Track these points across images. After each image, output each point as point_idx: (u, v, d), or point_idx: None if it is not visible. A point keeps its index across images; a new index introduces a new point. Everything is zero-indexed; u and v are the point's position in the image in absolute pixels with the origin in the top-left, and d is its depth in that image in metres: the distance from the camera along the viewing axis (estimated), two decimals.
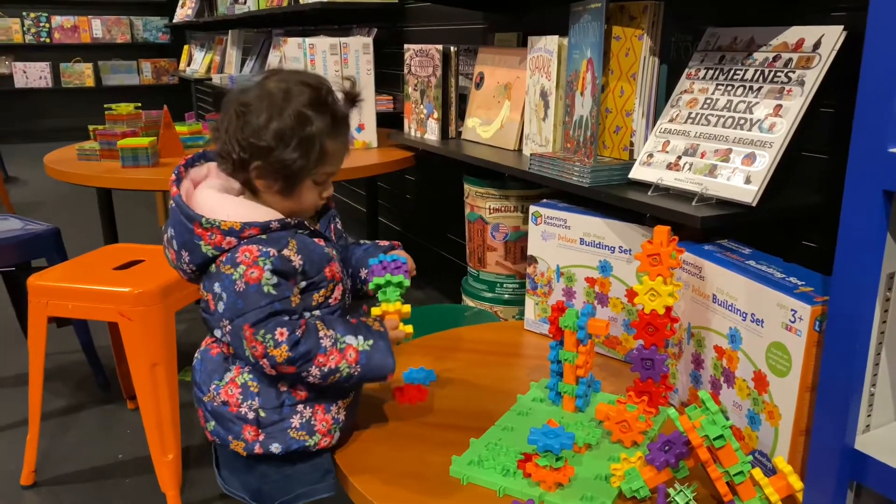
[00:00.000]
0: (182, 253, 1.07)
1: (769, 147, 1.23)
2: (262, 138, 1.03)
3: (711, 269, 1.16)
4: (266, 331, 1.01)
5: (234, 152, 1.04)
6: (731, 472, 0.95)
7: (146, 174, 2.14)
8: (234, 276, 1.02)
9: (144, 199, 4.68)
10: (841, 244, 0.82)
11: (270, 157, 1.04)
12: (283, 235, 1.06)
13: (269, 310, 1.02)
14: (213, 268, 1.06)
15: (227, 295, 1.03)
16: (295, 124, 1.04)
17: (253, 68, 4.74)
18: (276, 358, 1.02)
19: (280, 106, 1.03)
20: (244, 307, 1.02)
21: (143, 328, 1.64)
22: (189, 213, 1.04)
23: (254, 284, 1.02)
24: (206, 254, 1.04)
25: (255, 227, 1.04)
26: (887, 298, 0.84)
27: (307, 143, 1.04)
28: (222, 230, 1.03)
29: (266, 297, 1.02)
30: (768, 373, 1.05)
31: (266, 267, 1.02)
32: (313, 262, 1.08)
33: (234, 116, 1.05)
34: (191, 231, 1.04)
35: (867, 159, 0.78)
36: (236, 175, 1.08)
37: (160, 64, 8.16)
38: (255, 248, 1.03)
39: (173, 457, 1.70)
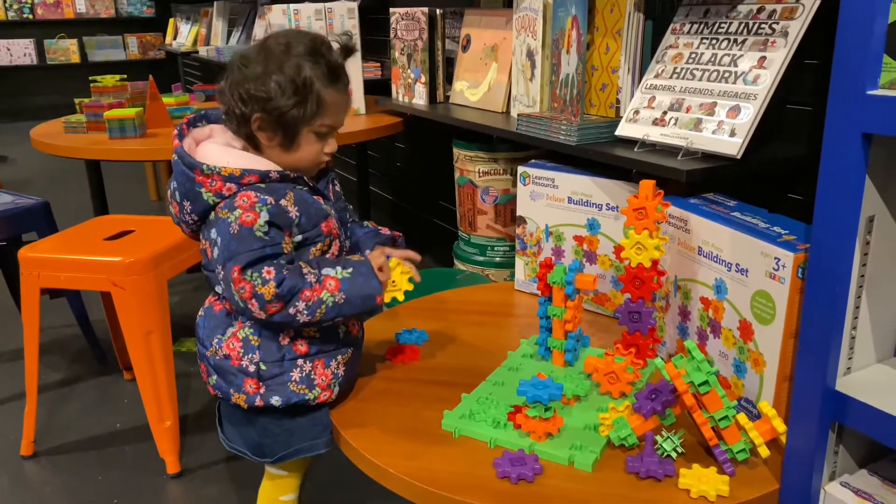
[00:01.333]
0: (184, 204, 1.10)
1: (753, 99, 1.24)
2: (259, 88, 1.06)
3: (697, 222, 1.17)
4: (254, 269, 1.04)
5: (236, 106, 1.08)
6: (716, 417, 0.97)
7: (134, 145, 2.13)
8: (230, 220, 1.05)
9: (134, 172, 4.65)
10: (821, 188, 0.83)
11: (268, 106, 1.07)
12: (282, 187, 1.09)
13: (260, 253, 1.05)
14: (212, 215, 1.09)
15: (222, 238, 1.06)
16: (291, 73, 1.07)
17: (239, 39, 4.69)
18: (264, 296, 1.04)
19: (278, 58, 1.07)
20: (237, 249, 1.04)
21: (136, 297, 1.65)
22: (191, 161, 1.07)
23: (247, 227, 1.04)
24: (206, 201, 1.08)
25: (254, 174, 1.07)
26: (867, 242, 0.85)
27: (303, 90, 1.07)
28: (223, 176, 1.06)
29: (258, 240, 1.05)
30: (753, 321, 1.07)
31: (262, 213, 1.05)
32: (310, 215, 1.11)
33: (235, 70, 1.09)
34: (192, 179, 1.07)
35: (846, 102, 0.78)
36: (240, 130, 1.11)
37: (146, 38, 8.06)
38: (254, 195, 1.06)
39: (171, 423, 1.72)
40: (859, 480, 0.93)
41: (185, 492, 1.69)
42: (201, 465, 1.77)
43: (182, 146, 1.11)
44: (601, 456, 1.02)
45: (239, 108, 1.08)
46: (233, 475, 1.73)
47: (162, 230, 1.84)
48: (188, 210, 1.10)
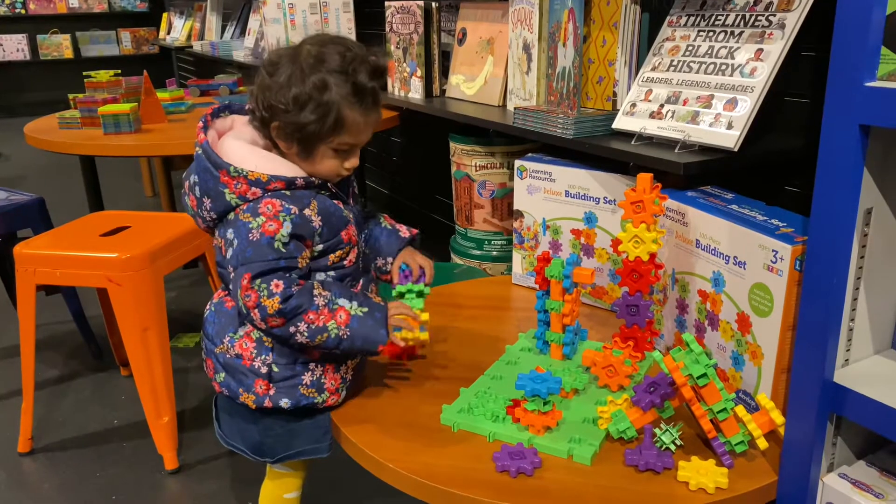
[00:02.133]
0: (204, 200, 1.08)
1: (750, 92, 1.24)
2: (280, 98, 1.04)
3: (694, 215, 1.17)
4: (263, 280, 1.03)
5: (258, 109, 1.07)
6: (714, 409, 0.97)
7: (129, 140, 2.12)
8: (252, 225, 1.04)
9: (129, 167, 4.64)
10: (819, 180, 0.83)
11: (286, 118, 1.05)
12: (307, 195, 1.08)
13: (274, 265, 1.04)
14: (231, 215, 1.07)
15: (239, 242, 1.04)
16: (313, 89, 1.04)
17: (234, 34, 4.67)
18: (267, 309, 1.02)
19: (304, 70, 1.04)
20: (252, 256, 1.03)
21: (133, 293, 1.64)
22: (217, 160, 1.05)
23: (268, 237, 1.03)
24: (229, 202, 1.06)
25: (281, 180, 1.06)
26: (865, 234, 0.86)
27: (323, 109, 1.05)
28: (249, 180, 1.05)
29: (275, 252, 1.04)
30: (751, 314, 1.07)
31: (285, 223, 1.04)
32: (332, 224, 1.10)
33: (263, 73, 1.07)
34: (216, 178, 1.06)
35: (844, 94, 0.78)
36: (263, 131, 1.10)
37: (139, 33, 8.02)
38: (279, 203, 1.05)
39: (168, 419, 1.71)
40: (857, 472, 0.93)
41: (183, 488, 1.69)
42: (199, 461, 1.77)
43: (207, 140, 1.09)
44: (600, 449, 1.02)
45: (260, 112, 1.07)
46: (231, 471, 1.73)
47: (158, 226, 1.83)
48: (207, 207, 1.09)
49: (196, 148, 1.10)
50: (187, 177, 1.12)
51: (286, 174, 1.07)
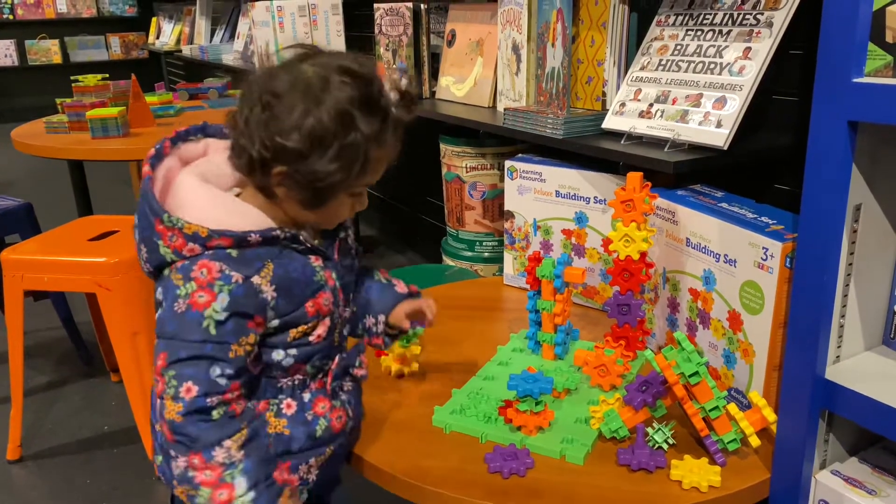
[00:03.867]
0: (141, 248, 0.88)
1: (739, 90, 1.24)
2: (291, 139, 0.81)
3: (684, 213, 1.17)
4: (176, 374, 0.81)
5: (252, 148, 0.82)
6: (706, 407, 0.97)
7: (117, 144, 2.11)
8: (180, 292, 0.82)
9: (118, 172, 4.61)
10: (808, 177, 0.83)
11: (301, 165, 0.83)
12: (261, 255, 0.86)
13: (196, 351, 0.81)
14: (166, 271, 0.86)
15: (165, 307, 0.84)
16: (337, 127, 0.81)
17: (223, 38, 4.66)
18: (165, 409, 0.81)
19: (319, 100, 0.81)
20: (173, 332, 0.82)
21: (122, 297, 1.63)
22: (154, 205, 0.84)
23: (195, 312, 0.81)
24: (163, 256, 0.85)
25: (226, 237, 0.84)
26: (854, 230, 0.86)
27: (349, 151, 0.82)
28: (185, 234, 0.83)
29: (202, 332, 0.81)
30: (742, 311, 1.07)
31: (221, 296, 0.82)
32: (291, 294, 0.88)
33: (260, 106, 0.82)
34: (152, 226, 0.85)
35: (831, 90, 0.78)
36: (251, 176, 0.86)
37: (129, 38, 7.99)
38: (217, 267, 0.83)
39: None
40: (850, 468, 0.93)
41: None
42: None
43: (151, 175, 0.87)
44: (592, 449, 1.02)
45: (257, 152, 0.82)
46: None
47: None
48: (144, 256, 0.88)
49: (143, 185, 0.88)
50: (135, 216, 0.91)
51: (236, 227, 0.84)
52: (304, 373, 0.94)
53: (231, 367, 0.83)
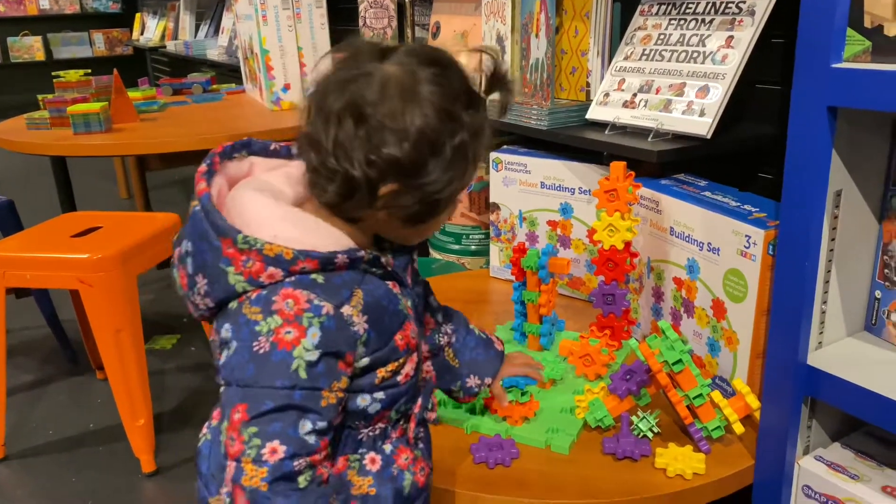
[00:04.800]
0: (197, 279, 0.73)
1: (722, 79, 1.24)
2: (402, 148, 0.70)
3: (668, 203, 1.17)
4: (260, 431, 0.68)
5: (353, 170, 0.70)
6: (690, 395, 0.97)
7: (100, 140, 2.08)
8: (260, 328, 0.69)
9: (103, 170, 4.57)
10: (788, 163, 0.83)
11: (415, 178, 0.72)
12: (346, 280, 0.73)
13: (285, 400, 0.68)
14: (234, 304, 0.72)
15: (238, 348, 0.70)
16: (444, 126, 0.71)
17: (208, 33, 4.62)
18: (243, 475, 0.68)
19: (418, 99, 0.70)
20: (254, 377, 0.69)
21: (105, 294, 1.62)
22: (221, 223, 0.71)
23: (282, 351, 0.68)
24: (232, 286, 0.71)
25: (312, 258, 0.71)
26: (835, 216, 0.86)
27: (460, 151, 0.73)
28: (265, 256, 0.70)
29: (290, 377, 0.68)
30: (726, 300, 1.07)
31: (311, 330, 0.69)
32: (382, 326, 0.75)
33: (351, 120, 0.70)
34: (217, 250, 0.71)
35: (811, 76, 0.78)
36: (349, 201, 0.73)
37: (112, 34, 7.92)
38: (304, 297, 0.70)
39: (144, 422, 1.69)
40: (833, 454, 0.94)
41: (160, 490, 1.67)
42: (177, 463, 1.75)
43: (209, 192, 0.74)
44: (578, 438, 1.02)
45: (362, 173, 0.70)
46: None
47: (130, 226, 1.80)
48: (202, 290, 0.73)
49: (192, 204, 0.74)
50: (178, 242, 0.77)
51: (321, 247, 0.72)
52: (387, 420, 0.80)
53: (323, 419, 0.70)
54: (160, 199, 4.02)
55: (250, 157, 0.82)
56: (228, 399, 0.70)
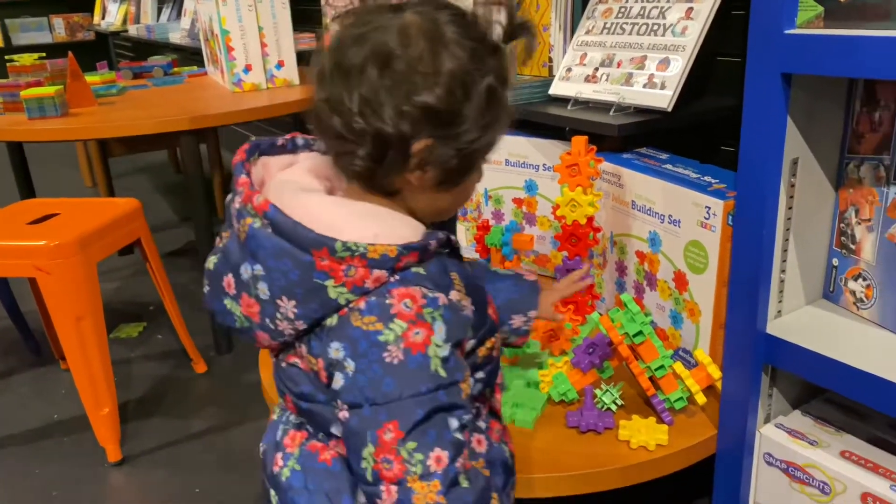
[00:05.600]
0: (279, 302, 0.66)
1: (682, 51, 1.23)
2: (435, 93, 0.64)
3: (630, 176, 1.17)
4: (419, 445, 0.63)
5: (383, 124, 0.64)
6: (652, 367, 0.97)
7: (56, 125, 2.03)
8: (385, 338, 0.63)
9: (66, 157, 4.48)
10: (745, 131, 0.83)
11: (449, 128, 0.66)
12: (440, 266, 0.69)
13: (432, 404, 0.64)
14: (332, 320, 0.66)
15: (362, 365, 0.64)
16: (474, 65, 0.66)
17: (170, 16, 4.53)
18: (413, 494, 0.62)
19: (444, 41, 0.65)
20: (397, 391, 0.63)
21: (63, 281, 1.58)
22: (310, 235, 0.64)
23: (418, 355, 0.64)
24: (334, 300, 0.65)
25: (413, 250, 0.66)
26: (792, 184, 0.86)
27: (492, 96, 0.67)
28: (369, 259, 0.64)
29: (432, 378, 0.64)
30: (687, 271, 1.07)
31: (437, 325, 0.65)
32: (479, 304, 0.72)
33: (376, 71, 0.64)
34: (308, 266, 0.64)
35: (764, 43, 0.78)
36: (378, 172, 0.67)
37: (73, 19, 7.72)
38: (419, 292, 0.65)
39: (109, 411, 1.66)
40: (793, 421, 0.95)
41: (127, 479, 1.64)
42: (144, 452, 1.72)
43: (274, 205, 0.65)
44: (542, 413, 1.02)
45: (393, 126, 0.64)
46: (175, 460, 1.69)
47: (89, 211, 1.76)
48: (290, 314, 0.66)
49: (246, 222, 0.67)
50: (223, 270, 0.70)
51: (411, 236, 0.67)
52: (483, 398, 0.78)
53: (467, 411, 0.67)
54: (125, 185, 3.95)
55: (261, 159, 0.76)
56: (366, 422, 0.64)
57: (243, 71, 2.25)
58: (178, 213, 3.50)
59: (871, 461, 0.85)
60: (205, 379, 2.01)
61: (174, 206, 3.62)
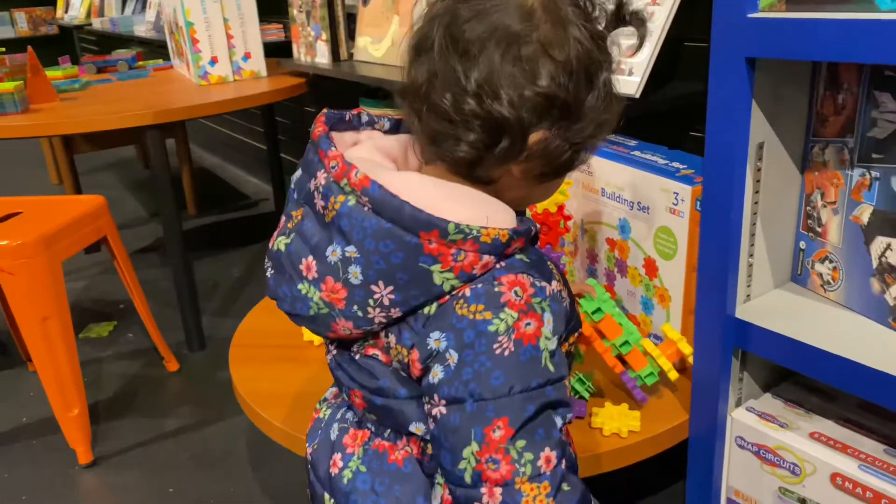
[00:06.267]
0: (374, 288, 0.61)
1: (649, 36, 1.23)
2: (562, 81, 0.59)
3: (599, 164, 1.17)
4: (529, 444, 0.59)
5: (503, 108, 0.59)
6: (616, 343, 0.97)
7: (16, 121, 1.98)
8: (495, 328, 0.59)
9: (32, 156, 4.39)
10: (710, 116, 0.83)
11: (572, 119, 0.62)
12: (539, 254, 0.65)
13: (542, 399, 0.60)
14: (430, 308, 0.62)
15: (468, 357, 0.60)
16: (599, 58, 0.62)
17: (135, 9, 4.45)
18: (521, 497, 0.59)
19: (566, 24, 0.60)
20: (505, 385, 0.59)
21: (28, 281, 1.55)
22: (422, 216, 0.59)
23: (529, 347, 0.60)
24: (439, 286, 0.61)
25: (521, 236, 0.62)
26: (758, 168, 0.86)
27: (611, 89, 0.65)
28: (482, 244, 0.60)
29: (542, 373, 0.61)
30: (657, 258, 1.07)
31: (546, 316, 0.61)
32: (570, 295, 0.69)
33: (499, 50, 0.59)
34: (415, 248, 0.59)
35: (728, 27, 0.78)
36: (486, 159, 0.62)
37: (36, 13, 7.56)
38: (528, 281, 0.61)
39: (78, 412, 1.63)
40: (764, 404, 0.95)
41: (99, 481, 1.62)
42: (116, 452, 1.69)
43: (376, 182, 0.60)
44: None
45: (513, 112, 0.59)
46: (148, 460, 1.66)
47: (52, 210, 1.72)
48: (385, 300, 0.61)
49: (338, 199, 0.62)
50: (301, 252, 0.65)
51: (513, 223, 0.63)
52: None
53: (569, 409, 0.63)
54: (93, 182, 3.88)
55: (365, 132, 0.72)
56: (471, 418, 0.59)
57: (209, 63, 2.21)
58: (147, 210, 3.45)
59: (840, 442, 0.86)
60: (177, 377, 1.99)
61: (143, 203, 3.57)
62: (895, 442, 0.85)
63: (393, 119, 0.75)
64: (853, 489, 0.81)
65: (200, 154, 4.28)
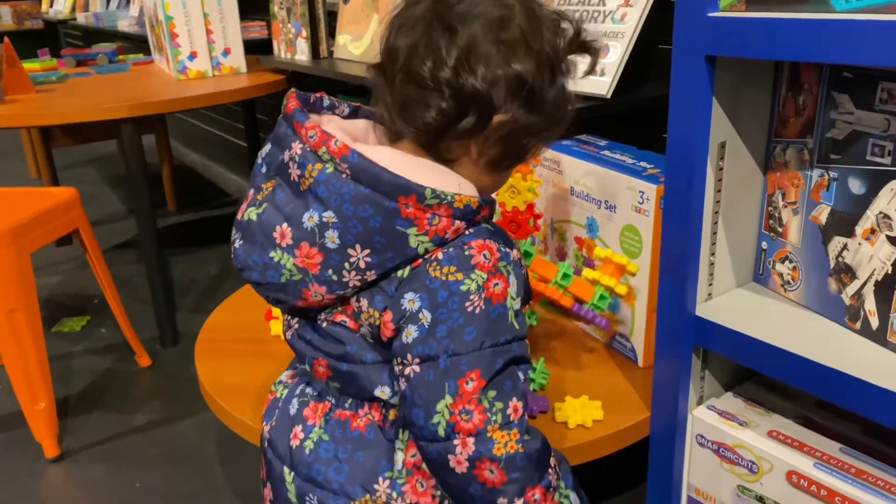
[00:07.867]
0: (350, 252, 0.64)
1: (621, 38, 1.24)
2: (530, 68, 0.65)
3: (568, 162, 1.17)
4: (499, 394, 0.63)
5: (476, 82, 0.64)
6: (557, 280, 0.96)
7: None
8: (467, 287, 0.63)
9: (12, 149, 4.35)
10: (672, 115, 0.83)
11: (533, 107, 0.67)
12: (498, 226, 0.72)
13: (509, 354, 0.65)
14: (403, 272, 0.66)
15: (442, 314, 0.64)
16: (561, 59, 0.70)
17: (119, 3, 4.42)
18: (493, 445, 0.62)
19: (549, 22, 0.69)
20: (477, 340, 0.63)
21: None
22: (400, 181, 0.63)
23: (498, 305, 0.64)
24: (413, 249, 0.64)
25: (489, 204, 0.68)
26: (720, 168, 0.87)
27: (565, 94, 0.72)
28: (455, 209, 0.64)
29: (509, 329, 0.65)
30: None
31: (511, 278, 0.66)
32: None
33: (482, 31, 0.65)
34: (392, 212, 0.63)
35: (689, 25, 0.78)
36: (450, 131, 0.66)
37: (20, 7, 7.49)
38: (494, 245, 0.66)
39: (45, 405, 1.61)
40: (725, 403, 0.96)
41: (66, 475, 1.60)
42: (84, 447, 1.68)
43: (354, 150, 0.64)
44: None
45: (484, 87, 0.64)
46: (116, 455, 1.65)
47: (22, 201, 1.70)
48: (360, 263, 0.65)
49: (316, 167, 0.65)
50: (274, 220, 0.67)
51: (475, 192, 0.69)
52: None
53: (529, 367, 0.68)
54: (72, 177, 3.85)
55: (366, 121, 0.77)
56: (445, 373, 0.63)
57: (188, 58, 2.20)
58: (126, 206, 3.42)
59: (797, 440, 0.87)
60: (149, 373, 1.97)
61: (122, 199, 3.54)
62: (851, 441, 0.86)
63: (352, 106, 0.78)
64: (808, 487, 0.81)
65: (182, 151, 4.26)
